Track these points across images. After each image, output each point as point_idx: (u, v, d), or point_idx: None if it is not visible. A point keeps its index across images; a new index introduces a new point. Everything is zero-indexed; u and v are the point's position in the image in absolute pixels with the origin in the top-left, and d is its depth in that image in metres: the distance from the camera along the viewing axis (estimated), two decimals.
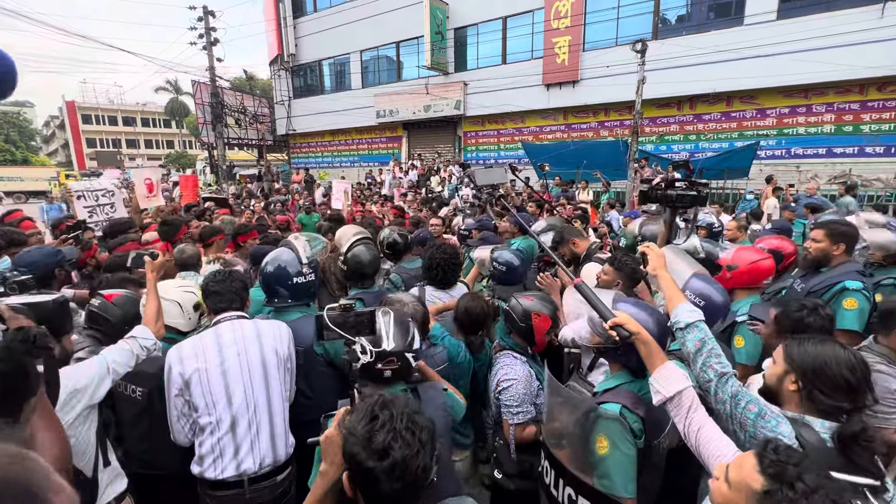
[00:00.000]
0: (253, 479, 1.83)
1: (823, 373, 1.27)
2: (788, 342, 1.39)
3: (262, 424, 1.85)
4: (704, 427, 1.33)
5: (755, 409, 1.33)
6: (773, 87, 11.37)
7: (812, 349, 1.32)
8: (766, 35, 10.91)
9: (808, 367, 1.30)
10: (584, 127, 14.81)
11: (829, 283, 2.65)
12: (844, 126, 11.09)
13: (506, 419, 2.03)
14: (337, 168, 21.66)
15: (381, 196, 10.62)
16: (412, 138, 18.95)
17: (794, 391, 1.32)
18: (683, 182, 2.51)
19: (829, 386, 1.26)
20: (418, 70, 17.21)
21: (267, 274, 2.28)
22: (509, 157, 16.18)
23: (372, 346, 1.39)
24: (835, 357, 1.28)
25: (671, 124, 13.40)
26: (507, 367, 2.08)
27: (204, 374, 1.78)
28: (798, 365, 1.32)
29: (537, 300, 2.16)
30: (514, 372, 2.05)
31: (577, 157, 11.93)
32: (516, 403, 2.01)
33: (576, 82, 14.14)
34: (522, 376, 2.04)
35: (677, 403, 1.39)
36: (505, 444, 2.05)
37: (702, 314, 1.57)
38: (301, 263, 2.30)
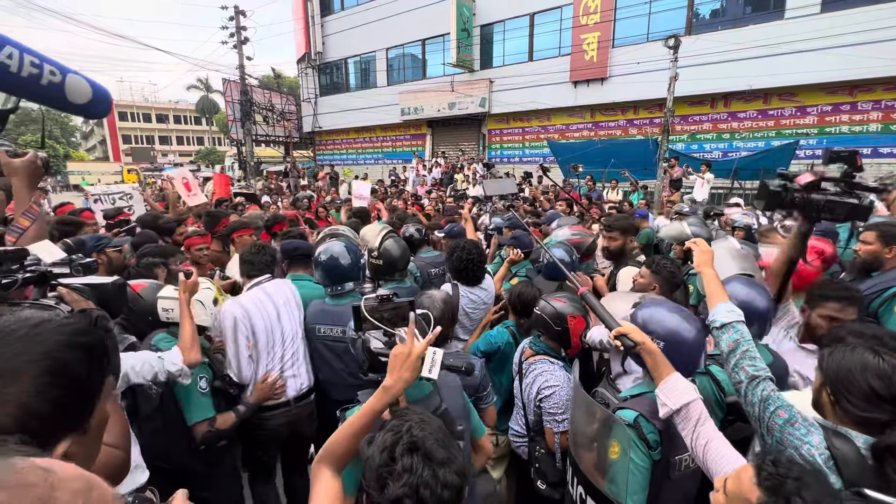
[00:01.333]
0: (297, 399, 2.40)
1: (850, 381, 1.19)
2: (824, 351, 1.31)
3: (300, 354, 2.44)
4: (713, 441, 1.28)
5: (785, 415, 1.28)
6: (815, 83, 10.87)
7: (840, 357, 1.24)
8: (809, 29, 10.43)
9: (835, 376, 1.22)
10: (611, 125, 14.51)
11: (881, 287, 2.50)
12: (892, 125, 10.52)
13: (550, 427, 1.97)
14: (361, 165, 21.89)
15: (411, 195, 10.66)
16: (436, 136, 18.96)
17: (829, 402, 1.25)
18: (839, 184, 1.84)
19: (857, 395, 1.17)
20: (443, 67, 17.19)
21: (322, 262, 2.45)
22: (535, 156, 16.00)
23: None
24: (863, 364, 1.18)
25: (703, 122, 12.98)
26: (548, 374, 2.02)
27: (267, 321, 2.31)
28: (827, 375, 1.25)
29: (569, 301, 2.10)
30: (555, 378, 2.00)
31: (605, 155, 11.70)
32: (560, 411, 1.95)
33: (604, 79, 13.85)
34: (564, 382, 2.01)
35: (684, 416, 1.35)
36: (548, 454, 2.00)
37: (741, 314, 1.51)
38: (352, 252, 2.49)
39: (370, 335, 1.41)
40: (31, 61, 1.71)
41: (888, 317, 2.43)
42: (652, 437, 1.44)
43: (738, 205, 7.43)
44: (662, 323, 1.56)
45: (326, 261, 2.41)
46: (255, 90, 20.77)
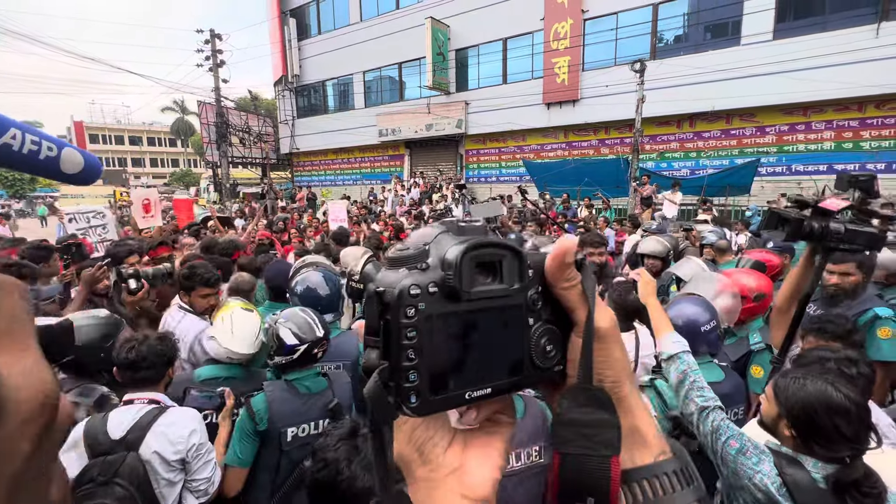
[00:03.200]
0: None
1: (814, 421, 1.17)
2: (777, 378, 1.31)
3: None
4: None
5: (736, 445, 1.30)
6: (773, 105, 11.48)
7: (801, 392, 1.20)
8: (763, 54, 11.07)
9: (799, 414, 1.20)
10: (584, 145, 14.93)
11: (856, 311, 2.46)
12: (844, 143, 11.15)
13: None
14: (340, 186, 21.85)
15: (387, 214, 10.67)
16: (414, 156, 19.14)
17: (790, 437, 1.25)
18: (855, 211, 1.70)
19: (821, 436, 1.17)
20: (420, 90, 17.49)
21: (300, 294, 2.38)
22: (511, 175, 16.29)
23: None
24: (826, 403, 1.16)
25: (671, 142, 13.49)
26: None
27: None
28: (789, 411, 1.23)
29: None
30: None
31: (578, 174, 12.00)
32: None
33: (576, 101, 14.31)
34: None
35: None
36: None
37: (685, 344, 1.55)
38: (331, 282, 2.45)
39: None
40: (32, 139, 1.96)
41: (871, 341, 2.41)
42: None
43: (706, 221, 7.71)
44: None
45: (304, 292, 2.35)
46: (232, 112, 20.67)
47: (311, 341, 1.84)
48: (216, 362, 1.99)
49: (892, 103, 10.42)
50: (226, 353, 1.93)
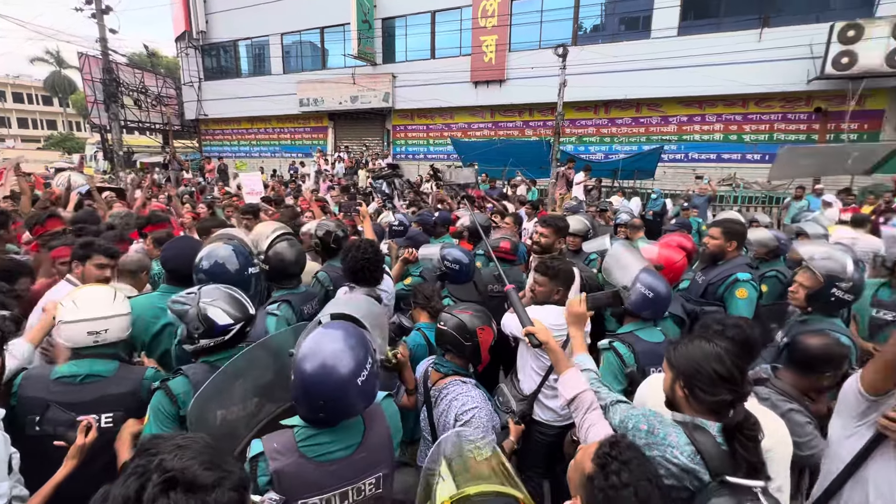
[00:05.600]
0: None
1: (698, 371, 1.33)
2: (668, 348, 1.46)
3: None
4: (595, 426, 1.44)
5: (645, 427, 1.37)
6: (674, 96, 12.58)
7: (685, 351, 1.38)
8: (669, 49, 12.00)
9: (685, 368, 1.35)
10: (510, 126, 15.28)
11: (724, 275, 2.92)
12: (730, 135, 12.61)
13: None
14: (256, 158, 20.27)
15: (311, 191, 10.10)
16: (338, 129, 18.28)
17: (683, 396, 1.38)
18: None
19: (705, 382, 1.31)
20: (344, 59, 16.59)
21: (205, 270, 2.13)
22: (439, 153, 16.24)
23: None
24: (703, 353, 1.34)
25: (588, 126, 14.29)
26: (465, 396, 1.85)
27: None
28: (678, 370, 1.38)
29: (473, 312, 1.99)
30: (472, 399, 1.84)
31: (504, 155, 12.28)
32: (482, 433, 1.80)
33: (502, 81, 14.52)
34: (481, 401, 1.87)
35: (576, 405, 1.53)
36: None
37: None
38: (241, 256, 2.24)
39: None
40: None
41: (731, 300, 2.84)
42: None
43: (610, 202, 8.32)
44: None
45: (211, 268, 2.10)
46: (123, 69, 18.06)
47: (245, 319, 1.70)
48: (80, 356, 1.68)
49: (769, 102, 11.94)
50: (80, 333, 1.65)
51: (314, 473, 1.28)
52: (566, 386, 1.58)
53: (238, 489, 0.78)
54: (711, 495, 1.21)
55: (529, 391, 2.34)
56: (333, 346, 1.29)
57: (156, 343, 2.19)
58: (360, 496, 1.36)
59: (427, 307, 2.50)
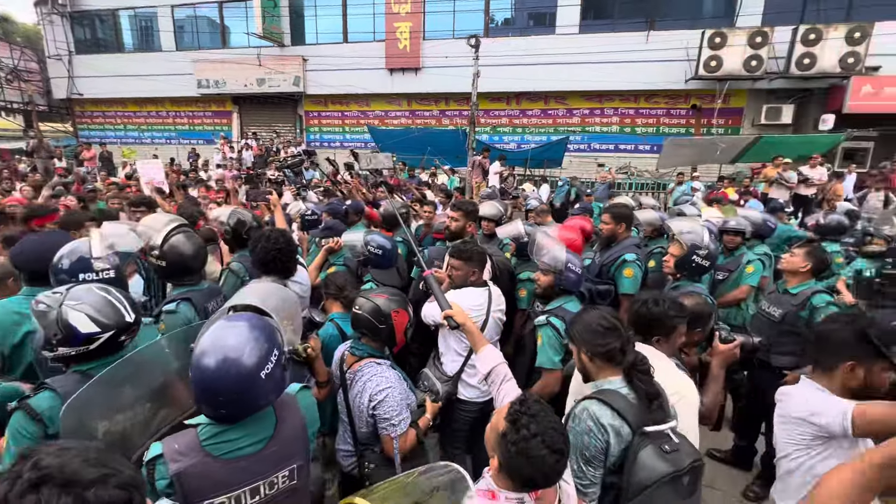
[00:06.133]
0: None
1: (588, 331, 1.58)
2: (568, 326, 1.72)
3: None
4: (510, 395, 1.57)
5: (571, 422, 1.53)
6: (577, 90, 13.53)
7: (577, 322, 1.65)
8: (572, 45, 12.84)
9: (580, 334, 1.61)
10: (427, 114, 15.34)
11: (614, 256, 3.26)
12: (625, 128, 13.90)
13: (387, 434, 1.85)
14: (147, 145, 18.12)
15: (214, 179, 9.29)
16: (245, 114, 16.97)
17: (588, 361, 1.60)
18: None
19: (597, 336, 1.56)
20: (248, 38, 15.36)
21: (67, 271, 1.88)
22: (356, 141, 15.83)
23: None
24: (589, 317, 1.62)
25: (502, 117, 14.85)
26: (379, 377, 1.89)
27: None
28: (578, 337, 1.62)
29: (389, 295, 2.02)
30: (385, 380, 1.89)
31: (422, 143, 12.32)
32: (396, 412, 1.86)
33: (418, 69, 14.49)
34: (395, 381, 1.91)
35: (492, 378, 1.67)
36: (383, 466, 1.90)
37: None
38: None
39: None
40: None
41: (620, 279, 3.18)
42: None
43: (524, 189, 8.80)
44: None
45: (72, 267, 1.86)
46: None
47: (117, 328, 1.49)
48: None
49: (656, 98, 13.33)
50: None
51: (221, 472, 1.23)
52: (483, 361, 1.72)
53: (126, 488, 0.74)
54: (638, 448, 1.39)
55: (453, 372, 2.44)
56: (233, 338, 1.23)
57: (18, 355, 1.90)
58: (274, 489, 1.33)
59: (340, 297, 2.49)
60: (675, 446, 1.39)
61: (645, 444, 1.39)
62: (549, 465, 1.10)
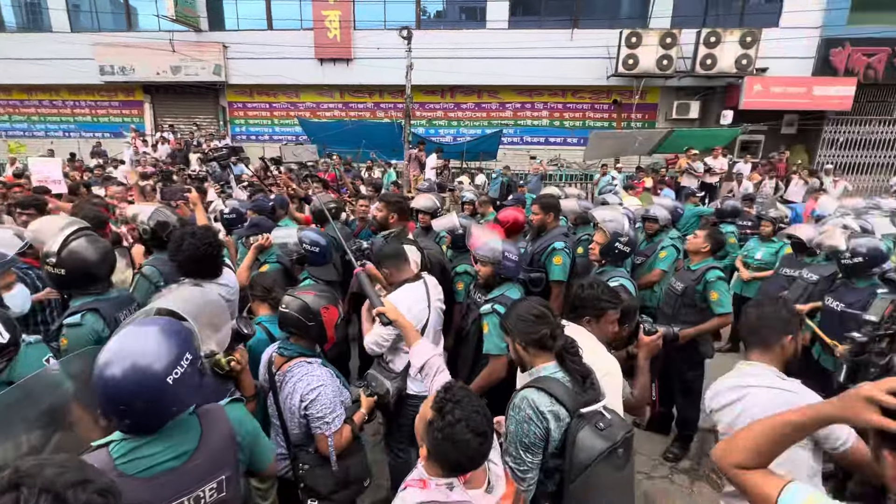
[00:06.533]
0: None
1: (520, 321, 1.64)
2: (501, 319, 1.78)
3: None
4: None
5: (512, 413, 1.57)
6: (509, 84, 13.90)
7: (509, 314, 1.71)
8: (502, 40, 13.15)
9: (513, 325, 1.66)
10: (360, 107, 15.01)
11: (544, 245, 3.40)
12: (555, 121, 14.52)
13: (321, 433, 1.81)
14: (40, 138, 16.03)
15: (125, 177, 8.43)
16: (158, 105, 15.56)
17: (523, 351, 1.66)
18: None
19: (528, 325, 1.62)
20: (158, 21, 14.04)
21: None
22: (286, 134, 15.13)
23: None
24: (519, 308, 1.69)
25: (437, 110, 14.89)
26: (309, 376, 1.84)
27: None
28: (509, 329, 1.68)
29: (317, 292, 1.95)
30: (317, 378, 1.84)
31: (356, 136, 12.05)
32: (330, 410, 1.82)
33: (350, 60, 14.09)
34: (326, 378, 1.87)
35: (426, 371, 1.70)
36: (318, 466, 1.85)
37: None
38: None
39: None
40: None
41: (550, 266, 3.31)
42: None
43: (462, 182, 8.95)
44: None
45: None
46: None
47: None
48: None
49: (581, 93, 14.06)
50: None
51: (138, 491, 1.14)
52: (417, 355, 1.76)
53: (104, 494, 0.77)
54: (577, 430, 1.45)
55: (401, 368, 2.43)
56: (136, 342, 1.16)
57: None
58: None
59: (268, 299, 2.38)
60: (609, 422, 1.47)
61: (582, 425, 1.45)
62: (474, 449, 1.14)
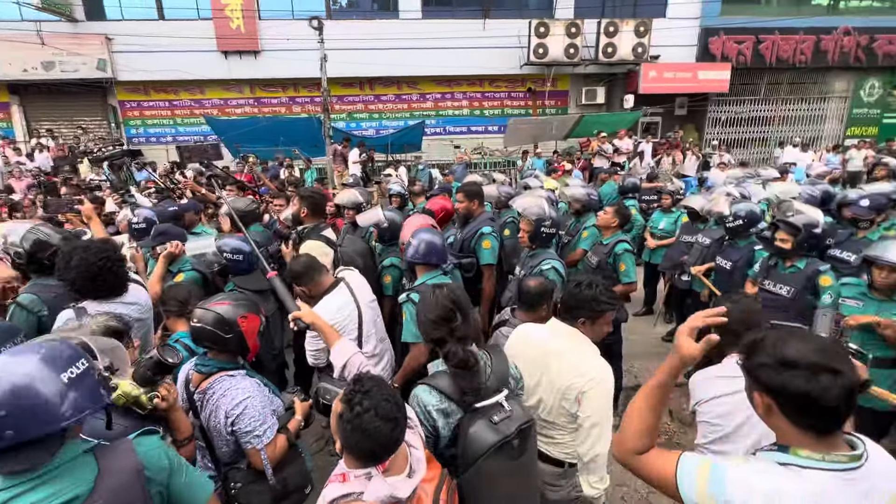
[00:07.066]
0: None
1: (424, 322, 1.63)
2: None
3: None
4: None
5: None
6: (427, 75, 13.92)
7: (420, 310, 1.69)
8: (416, 30, 13.09)
9: (423, 321, 1.64)
10: (274, 102, 14.22)
11: (472, 231, 3.51)
12: (475, 110, 14.83)
13: (253, 448, 1.70)
14: None
15: None
16: (30, 107, 13.56)
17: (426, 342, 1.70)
18: None
19: (430, 329, 1.61)
20: (20, 9, 12.15)
21: None
22: (192, 134, 13.93)
23: None
24: (424, 305, 1.65)
25: (357, 103, 14.54)
26: (233, 390, 1.71)
27: None
28: (421, 325, 1.67)
29: (232, 301, 1.82)
30: (241, 391, 1.72)
31: (273, 133, 11.43)
32: (259, 422, 1.71)
33: (257, 52, 13.25)
34: (252, 390, 1.75)
35: (348, 370, 1.70)
36: (252, 482, 1.74)
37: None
38: None
39: None
40: None
41: (479, 251, 3.42)
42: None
43: (390, 175, 8.90)
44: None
45: None
46: None
47: None
48: None
49: (498, 82, 14.47)
50: None
51: None
52: (338, 354, 1.75)
53: None
54: (469, 424, 1.45)
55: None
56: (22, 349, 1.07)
57: None
58: None
59: (184, 313, 2.19)
60: (507, 414, 1.46)
61: (475, 419, 1.44)
62: (385, 435, 1.15)
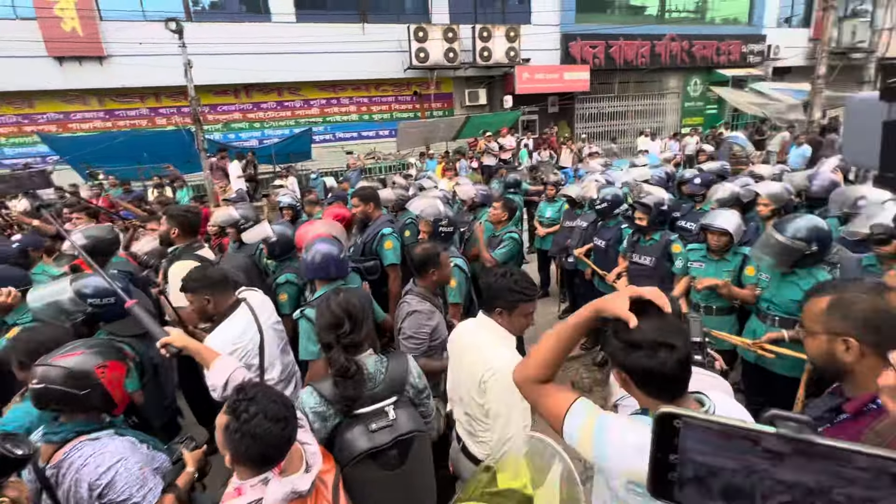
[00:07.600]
0: None
1: (318, 326, 1.61)
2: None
3: None
4: None
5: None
6: (311, 81, 13.40)
7: (316, 315, 1.67)
8: (291, 34, 12.49)
9: (317, 329, 1.62)
10: (132, 114, 12.52)
11: (373, 233, 3.51)
12: (364, 115, 14.65)
13: None
14: None
15: None
16: None
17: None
18: None
19: (321, 334, 1.59)
20: None
21: None
22: (22, 157, 11.65)
23: None
24: (320, 311, 1.61)
25: (234, 112, 13.44)
26: (95, 457, 1.43)
27: None
28: (319, 329, 1.63)
29: (87, 350, 1.53)
30: (107, 457, 1.44)
31: (134, 149, 10.08)
32: (137, 486, 1.44)
33: (103, 58, 11.53)
34: (123, 450, 1.49)
35: (231, 387, 1.60)
36: None
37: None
38: None
39: None
40: None
41: (382, 252, 3.43)
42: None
43: (283, 186, 8.42)
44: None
45: None
46: None
47: None
48: None
49: (384, 86, 14.46)
50: None
51: None
52: (217, 373, 1.63)
53: None
54: (346, 430, 1.46)
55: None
56: None
57: None
58: None
59: None
60: (388, 423, 1.47)
61: (353, 425, 1.46)
62: (277, 436, 1.13)
